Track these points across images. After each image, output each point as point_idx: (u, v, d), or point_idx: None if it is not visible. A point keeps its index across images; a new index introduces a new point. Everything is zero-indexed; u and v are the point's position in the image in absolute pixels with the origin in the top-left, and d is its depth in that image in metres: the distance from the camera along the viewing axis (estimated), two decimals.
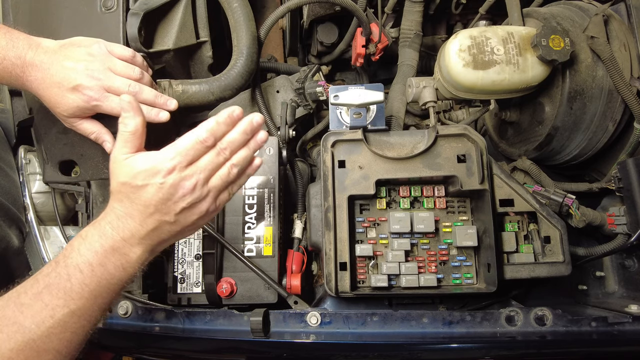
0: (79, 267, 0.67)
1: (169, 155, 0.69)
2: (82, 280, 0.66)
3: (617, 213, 1.02)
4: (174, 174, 0.68)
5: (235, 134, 0.74)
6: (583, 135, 1.06)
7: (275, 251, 1.01)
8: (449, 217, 0.96)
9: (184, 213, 0.71)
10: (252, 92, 1.17)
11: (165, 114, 0.92)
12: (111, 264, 0.69)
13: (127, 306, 0.97)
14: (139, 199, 0.69)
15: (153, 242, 0.72)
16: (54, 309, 0.65)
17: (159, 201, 0.68)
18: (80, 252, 0.68)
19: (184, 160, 0.69)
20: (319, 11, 1.31)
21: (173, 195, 0.69)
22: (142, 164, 0.69)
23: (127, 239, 0.69)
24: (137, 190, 0.68)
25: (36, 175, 1.15)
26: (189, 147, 0.70)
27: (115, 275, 0.69)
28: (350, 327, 0.91)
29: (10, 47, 0.82)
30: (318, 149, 1.28)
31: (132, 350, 1.07)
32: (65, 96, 0.84)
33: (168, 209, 0.69)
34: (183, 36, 1.06)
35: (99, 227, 0.70)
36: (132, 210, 0.69)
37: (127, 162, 0.70)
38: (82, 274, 0.67)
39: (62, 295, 0.65)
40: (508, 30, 1.00)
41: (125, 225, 0.69)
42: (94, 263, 0.67)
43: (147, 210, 0.69)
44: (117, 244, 0.69)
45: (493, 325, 0.89)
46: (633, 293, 1.09)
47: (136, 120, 0.71)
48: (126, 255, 0.70)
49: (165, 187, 0.68)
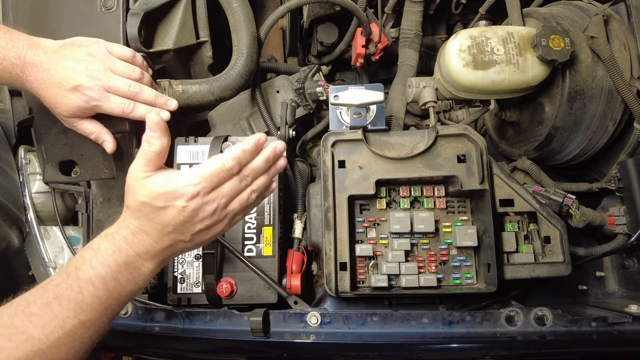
0: (91, 281, 0.67)
1: (193, 180, 0.69)
2: (94, 293, 0.67)
3: (617, 213, 1.02)
4: (197, 199, 0.69)
5: (259, 162, 0.74)
6: (583, 135, 1.06)
7: (275, 251, 1.01)
8: (449, 217, 0.96)
9: (200, 233, 0.72)
10: (252, 92, 1.17)
11: (166, 114, 0.92)
12: (124, 278, 0.69)
13: (127, 306, 0.97)
14: (158, 219, 0.69)
15: (165, 257, 0.73)
16: (64, 320, 0.65)
17: (178, 223, 0.69)
18: (92, 265, 0.68)
19: (208, 186, 0.69)
20: (319, 11, 1.31)
21: (193, 218, 0.70)
22: (165, 186, 0.68)
23: (141, 254, 0.70)
24: (157, 211, 0.69)
25: (36, 175, 1.15)
26: (214, 173, 0.70)
27: (127, 288, 0.70)
28: (350, 327, 0.91)
29: (10, 47, 0.82)
30: (318, 149, 1.28)
31: (132, 350, 1.07)
32: (65, 96, 0.84)
33: (185, 229, 0.70)
34: (183, 36, 1.06)
35: (112, 241, 0.70)
36: (149, 228, 0.70)
37: (148, 182, 0.69)
38: (95, 287, 0.67)
39: (73, 307, 0.65)
40: (508, 30, 1.00)
41: (141, 241, 0.70)
42: (106, 277, 0.68)
43: (164, 230, 0.70)
44: (131, 259, 0.70)
45: (493, 325, 0.89)
46: (633, 293, 1.09)
47: (162, 141, 0.71)
48: (139, 269, 0.71)
49: (187, 211, 0.69)
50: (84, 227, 1.12)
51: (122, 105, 0.87)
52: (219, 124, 1.20)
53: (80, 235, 1.15)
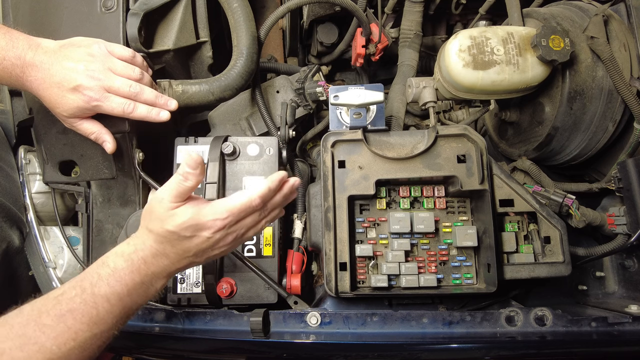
0: (107, 297, 0.69)
1: (222, 215, 0.72)
2: (109, 310, 0.69)
3: (617, 213, 1.02)
4: (223, 231, 0.73)
5: (279, 198, 0.79)
6: (583, 136, 1.06)
7: (275, 251, 1.01)
8: (449, 217, 0.96)
9: (214, 256, 0.78)
10: (252, 92, 1.17)
11: (166, 114, 0.92)
12: (137, 295, 0.73)
13: None
14: (181, 246, 0.73)
15: (176, 273, 0.79)
16: (76, 333, 0.66)
17: (199, 250, 0.74)
18: (109, 283, 0.70)
19: (234, 220, 0.73)
20: (319, 11, 1.31)
21: (214, 245, 0.75)
22: (195, 218, 0.71)
23: (157, 273, 0.74)
24: (183, 240, 0.72)
25: (36, 175, 1.14)
26: (242, 209, 0.73)
27: (139, 303, 0.74)
28: (350, 327, 0.91)
29: (10, 48, 0.82)
30: (318, 149, 1.28)
31: (132, 350, 1.07)
32: (66, 96, 0.84)
33: (204, 254, 0.75)
34: (183, 36, 1.06)
35: (130, 261, 0.72)
36: (170, 252, 0.73)
37: (178, 212, 0.71)
38: (110, 303, 0.69)
39: (87, 321, 0.67)
40: (508, 30, 1.00)
41: (159, 262, 0.73)
42: (122, 294, 0.70)
43: (185, 254, 0.74)
44: (147, 278, 0.73)
45: (493, 326, 0.89)
46: (633, 293, 1.09)
47: (199, 178, 0.72)
48: (153, 286, 0.74)
49: (211, 241, 0.73)
50: (84, 227, 1.12)
51: (123, 106, 0.88)
52: (219, 124, 1.20)
53: (80, 236, 1.15)
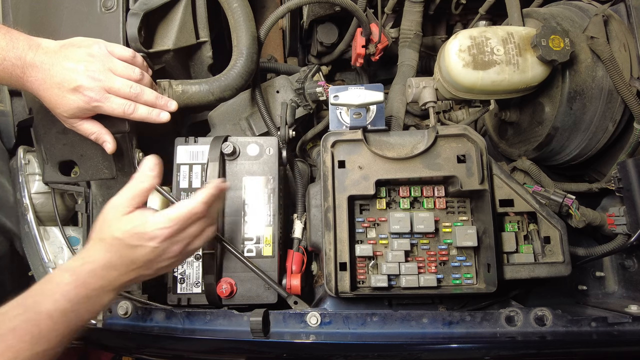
0: (50, 315, 0.67)
1: (166, 224, 0.74)
2: (52, 327, 0.67)
3: (617, 213, 1.02)
4: (168, 241, 0.75)
5: (219, 203, 0.84)
6: (583, 136, 1.06)
7: (275, 251, 1.01)
8: (448, 217, 0.96)
9: (162, 269, 0.79)
10: (252, 92, 1.17)
11: (166, 115, 0.93)
12: (84, 310, 0.71)
13: (127, 306, 0.97)
14: (128, 256, 0.74)
15: (125, 288, 0.78)
16: (17, 352, 0.64)
17: (146, 261, 0.75)
18: (54, 299, 0.68)
19: (179, 229, 0.76)
20: (319, 11, 1.31)
21: (160, 256, 0.76)
22: (140, 227, 0.74)
23: (105, 287, 0.73)
24: (129, 249, 0.74)
25: (35, 175, 1.14)
26: (187, 217, 0.76)
27: (85, 319, 0.72)
28: (350, 328, 0.91)
29: (10, 48, 0.81)
30: (318, 149, 1.28)
31: (132, 350, 1.07)
32: (66, 97, 0.84)
33: (152, 266, 0.77)
34: (183, 36, 1.06)
35: (76, 275, 0.71)
36: (118, 264, 0.74)
37: (125, 219, 0.74)
38: (53, 320, 0.67)
39: (29, 339, 0.65)
40: (508, 30, 1.00)
41: (107, 275, 0.73)
42: (67, 310, 0.69)
43: (132, 266, 0.75)
44: (95, 292, 0.72)
45: (493, 326, 0.89)
46: (633, 293, 1.09)
47: (155, 181, 0.76)
48: (100, 300, 0.74)
49: (157, 251, 0.75)
50: (83, 227, 1.12)
51: (123, 106, 0.88)
52: (219, 124, 1.20)
53: (80, 236, 1.15)
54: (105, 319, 0.98)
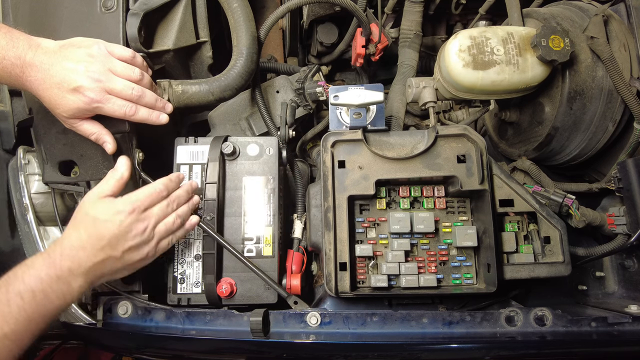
0: (21, 294, 0.69)
1: (130, 199, 0.83)
2: (21, 306, 0.69)
3: (617, 213, 1.02)
4: (132, 216, 0.81)
5: (181, 191, 0.92)
6: (583, 136, 1.06)
7: (275, 251, 1.01)
8: (448, 217, 0.96)
9: (130, 252, 0.82)
10: (252, 92, 1.17)
11: (165, 117, 0.94)
12: (53, 293, 0.73)
13: (127, 306, 0.97)
14: (96, 232, 0.78)
15: (95, 275, 0.79)
16: None
17: (112, 236, 0.79)
18: (24, 279, 0.71)
19: (142, 206, 0.83)
20: (319, 11, 1.31)
21: (126, 234, 0.80)
22: (109, 204, 0.82)
23: (74, 269, 0.76)
24: (97, 223, 0.79)
25: (35, 175, 1.14)
26: (147, 194, 0.85)
27: (55, 303, 0.73)
28: (350, 328, 0.91)
29: (10, 47, 0.81)
30: (318, 149, 1.28)
31: (132, 350, 1.07)
32: (66, 97, 0.84)
33: (118, 245, 0.80)
34: (183, 36, 1.06)
35: (47, 256, 0.75)
36: (86, 243, 0.78)
37: (99, 201, 0.82)
38: (23, 300, 0.69)
39: None
40: (508, 30, 1.00)
41: (75, 255, 0.76)
42: (36, 290, 0.71)
43: (99, 243, 0.78)
44: (64, 273, 0.74)
45: (493, 326, 0.89)
46: (633, 293, 1.09)
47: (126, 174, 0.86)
48: (69, 284, 0.75)
49: (123, 226, 0.80)
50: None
51: (124, 108, 0.88)
52: (218, 124, 1.20)
53: None
54: (105, 319, 0.98)
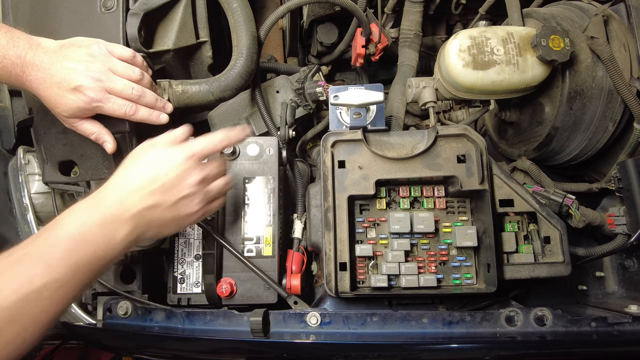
0: (64, 239, 0.67)
1: (189, 146, 0.80)
2: (64, 253, 0.66)
3: (617, 213, 1.02)
4: (190, 162, 0.78)
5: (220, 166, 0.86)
6: (583, 136, 1.06)
7: (275, 251, 1.01)
8: (448, 217, 0.96)
9: (182, 201, 0.78)
10: (252, 92, 1.17)
11: (165, 117, 0.94)
12: (97, 240, 0.69)
13: (127, 306, 0.97)
14: (148, 175, 0.75)
15: (142, 225, 0.75)
16: (31, 277, 0.63)
17: (167, 180, 0.76)
18: (70, 222, 0.69)
19: (201, 154, 0.80)
20: (319, 11, 1.31)
21: (181, 180, 0.77)
22: (166, 148, 0.79)
23: (119, 215, 0.72)
24: (151, 166, 0.76)
25: (35, 175, 1.14)
26: (204, 144, 0.81)
27: (99, 250, 0.70)
28: (350, 328, 0.91)
29: (10, 47, 0.81)
30: (318, 149, 1.28)
31: (132, 350, 1.07)
32: (66, 96, 0.84)
33: (171, 191, 0.76)
34: (183, 36, 1.06)
35: (91, 201, 0.73)
36: (135, 186, 0.74)
37: (155, 146, 0.79)
38: (67, 244, 0.67)
39: (42, 265, 0.64)
40: (508, 30, 1.00)
41: (122, 200, 0.73)
42: (79, 237, 0.68)
43: (151, 187, 0.74)
44: (107, 218, 0.71)
45: (493, 326, 0.89)
46: (633, 293, 1.09)
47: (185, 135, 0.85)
48: (114, 232, 0.71)
49: (179, 170, 0.77)
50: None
51: (125, 108, 0.88)
52: (218, 124, 1.20)
53: None
54: (105, 319, 0.98)
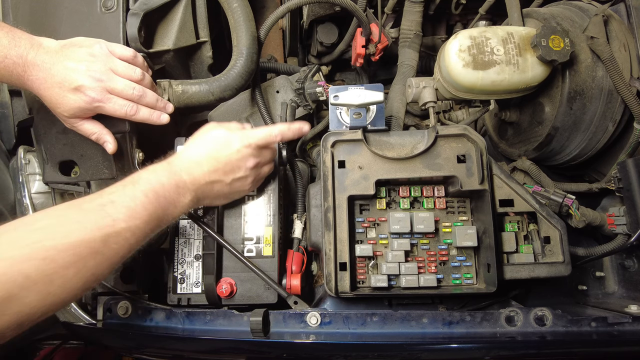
0: (145, 193, 0.76)
1: (251, 135, 0.90)
2: (145, 204, 0.75)
3: (617, 213, 1.02)
4: (249, 150, 0.89)
5: None
6: (583, 136, 1.06)
7: (275, 251, 1.01)
8: (448, 217, 0.96)
9: (237, 181, 0.90)
10: (252, 92, 1.17)
11: (166, 117, 0.95)
12: (170, 199, 0.80)
13: (127, 306, 0.97)
14: (214, 153, 0.87)
15: (202, 195, 0.87)
16: (114, 221, 0.71)
17: (228, 162, 0.87)
18: (149, 180, 0.78)
19: (259, 144, 0.91)
20: (319, 11, 1.31)
21: (240, 164, 0.89)
22: (232, 132, 0.90)
23: (188, 183, 0.84)
24: (217, 146, 0.87)
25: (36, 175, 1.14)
26: (266, 135, 0.91)
27: (169, 208, 0.80)
28: (350, 328, 0.91)
29: (12, 46, 0.82)
30: (318, 149, 1.28)
31: (132, 350, 1.07)
32: (67, 96, 0.84)
33: (231, 172, 0.88)
34: (183, 36, 1.06)
35: (168, 166, 0.84)
36: (203, 160, 0.86)
37: (223, 128, 0.90)
38: (147, 198, 0.76)
39: (124, 211, 0.72)
40: (508, 30, 1.00)
41: (193, 169, 0.85)
42: (158, 193, 0.78)
43: (215, 164, 0.86)
44: (181, 183, 0.82)
45: (493, 326, 0.89)
46: (633, 293, 1.09)
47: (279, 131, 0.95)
48: (182, 195, 0.82)
49: (240, 155, 0.88)
50: None
51: (125, 108, 0.88)
52: None
53: None
54: (105, 319, 0.98)
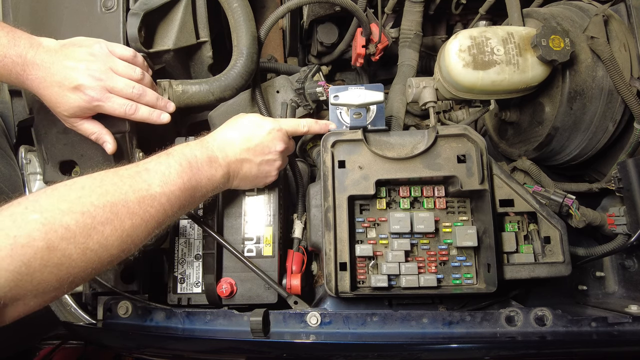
0: (179, 162, 0.79)
1: (282, 122, 0.95)
2: (179, 172, 0.78)
3: (617, 213, 1.02)
4: (279, 134, 0.92)
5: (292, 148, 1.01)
6: (583, 136, 1.06)
7: (275, 251, 1.01)
8: (449, 217, 0.96)
9: (265, 164, 0.92)
10: (252, 92, 1.17)
11: (167, 116, 0.94)
12: (204, 171, 0.83)
13: (127, 306, 0.97)
14: (247, 134, 0.89)
15: (232, 173, 0.89)
16: (150, 185, 0.74)
17: (259, 143, 0.90)
18: (183, 152, 0.82)
19: (288, 132, 0.95)
20: (319, 11, 1.31)
21: (269, 146, 0.91)
22: (264, 118, 0.94)
23: (221, 159, 0.86)
24: (250, 128, 0.90)
25: (36, 175, 1.14)
26: (295, 125, 0.96)
27: (202, 181, 0.83)
28: (350, 328, 0.91)
29: (12, 46, 0.82)
30: (318, 149, 1.28)
31: (132, 350, 1.07)
32: (66, 96, 0.84)
33: (260, 153, 0.90)
34: (183, 36, 1.06)
35: (201, 142, 0.87)
36: (236, 139, 0.89)
37: (255, 114, 0.94)
38: (181, 166, 0.79)
39: (159, 177, 0.76)
40: (508, 30, 1.00)
41: (225, 147, 0.87)
42: (192, 163, 0.81)
43: (246, 144, 0.89)
44: (213, 157, 0.85)
45: (493, 326, 0.89)
46: (633, 293, 1.09)
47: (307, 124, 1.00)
48: (214, 169, 0.85)
49: (270, 137, 0.91)
50: None
51: (125, 107, 0.88)
52: (218, 124, 1.20)
53: None
54: (105, 319, 0.98)
